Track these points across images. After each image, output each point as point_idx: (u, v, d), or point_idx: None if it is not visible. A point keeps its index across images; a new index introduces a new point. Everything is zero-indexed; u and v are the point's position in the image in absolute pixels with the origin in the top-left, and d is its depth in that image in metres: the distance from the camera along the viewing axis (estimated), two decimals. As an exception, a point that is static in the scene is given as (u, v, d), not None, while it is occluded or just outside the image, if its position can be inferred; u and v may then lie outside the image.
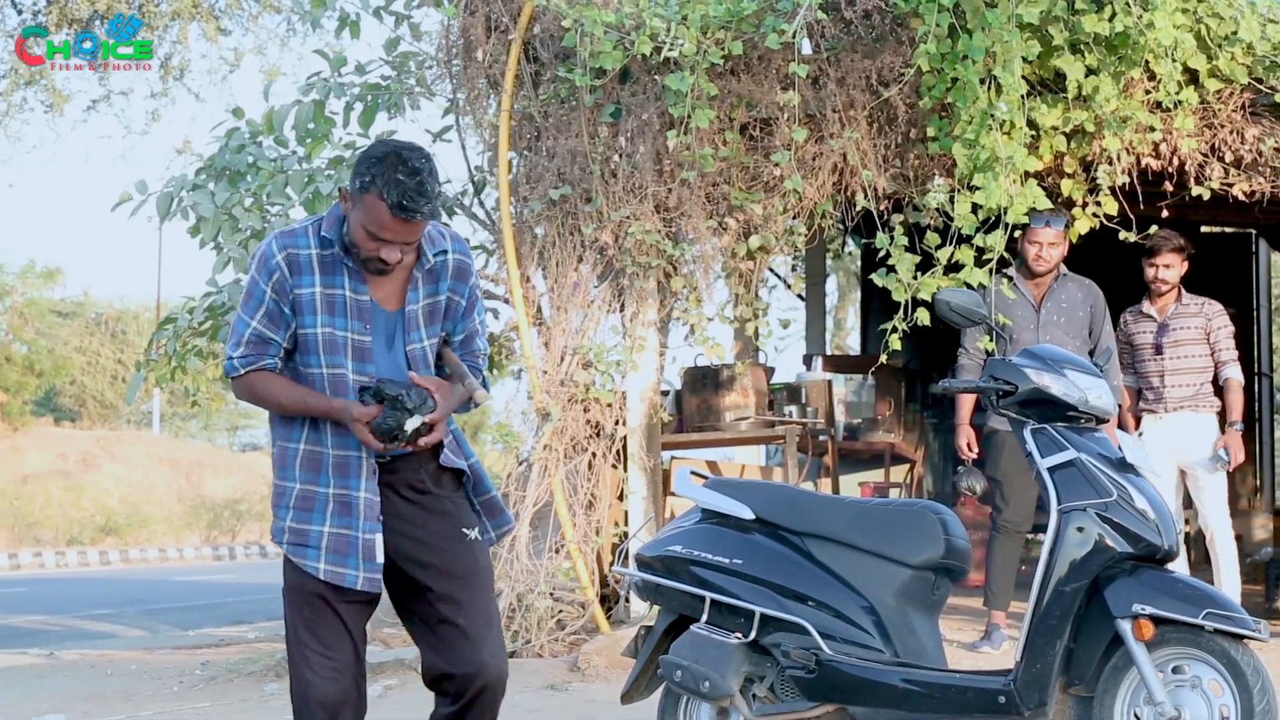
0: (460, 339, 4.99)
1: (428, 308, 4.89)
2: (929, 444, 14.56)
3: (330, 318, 4.77)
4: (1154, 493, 5.65)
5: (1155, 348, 9.33)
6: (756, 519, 5.84)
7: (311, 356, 4.81)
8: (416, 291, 4.86)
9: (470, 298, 4.99)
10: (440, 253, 4.89)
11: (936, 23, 8.55)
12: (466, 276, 4.96)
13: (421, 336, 4.89)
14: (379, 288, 4.83)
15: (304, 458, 4.87)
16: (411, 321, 4.86)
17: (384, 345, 4.85)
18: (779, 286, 16.24)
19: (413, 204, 4.57)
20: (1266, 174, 9.17)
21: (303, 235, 4.80)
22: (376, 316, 4.83)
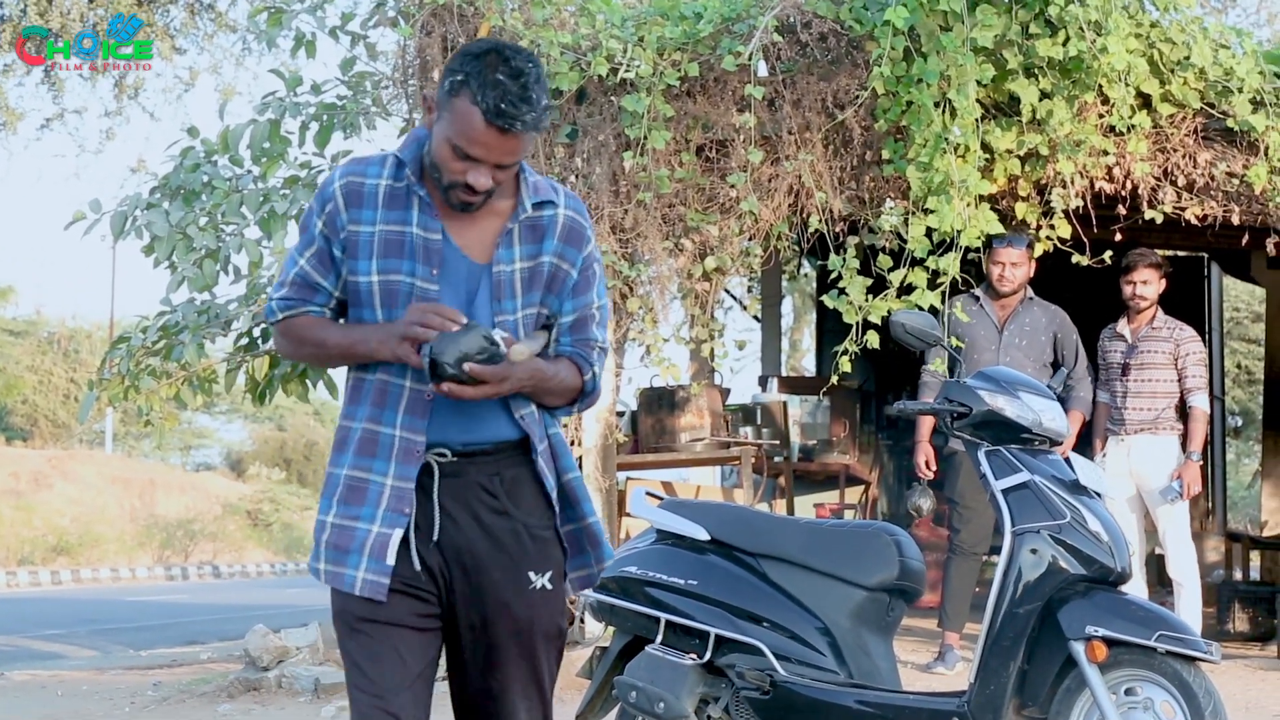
0: (570, 320, 3.99)
1: (526, 271, 3.90)
2: (884, 465, 14.59)
3: (388, 260, 3.86)
4: (1107, 515, 5.67)
5: (1122, 368, 9.36)
6: (712, 540, 5.84)
7: (365, 311, 3.89)
8: (511, 248, 3.89)
9: (585, 269, 3.99)
10: (545, 204, 3.93)
11: (892, 46, 8.58)
12: (581, 241, 3.97)
13: (516, 305, 3.89)
14: (461, 232, 3.89)
15: (361, 439, 3.89)
16: (503, 284, 3.88)
17: (459, 303, 3.85)
18: (735, 308, 16.27)
19: (513, 109, 3.67)
20: (1218, 198, 9.23)
21: (375, 164, 3.94)
22: (453, 263, 3.87)
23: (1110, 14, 8.50)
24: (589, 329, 4.02)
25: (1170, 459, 9.27)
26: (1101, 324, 9.68)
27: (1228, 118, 8.95)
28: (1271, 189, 9.00)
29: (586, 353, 4.00)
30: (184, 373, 10.13)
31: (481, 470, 3.88)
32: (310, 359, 4.12)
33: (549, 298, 3.94)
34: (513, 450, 3.91)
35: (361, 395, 3.91)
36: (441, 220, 3.86)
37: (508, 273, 3.89)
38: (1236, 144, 9.10)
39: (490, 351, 3.69)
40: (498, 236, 3.88)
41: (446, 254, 3.86)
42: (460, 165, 3.74)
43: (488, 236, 3.89)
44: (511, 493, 3.90)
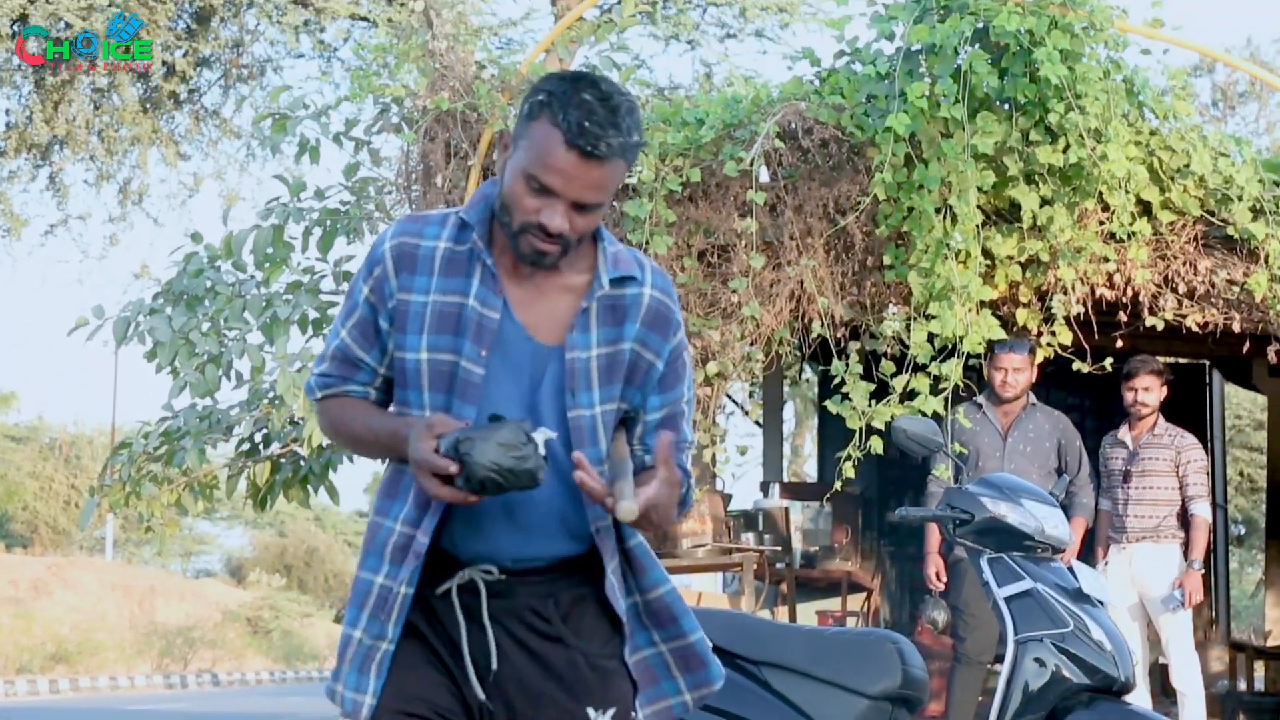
0: (656, 418, 3.44)
1: (605, 359, 3.34)
2: (886, 572, 14.51)
3: (440, 336, 3.31)
4: (1111, 624, 5.64)
5: (1124, 475, 9.34)
6: (714, 648, 5.80)
7: (411, 393, 3.35)
8: (588, 331, 3.33)
9: (674, 359, 3.44)
10: (627, 280, 3.37)
11: (893, 152, 8.62)
12: (668, 328, 3.41)
13: (593, 399, 3.33)
14: (528, 307, 3.34)
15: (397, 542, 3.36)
16: (578, 372, 3.31)
17: (520, 392, 3.32)
18: (736, 413, 16.26)
19: (598, 130, 3.14)
20: (1219, 305, 9.24)
21: (435, 223, 3.39)
22: (514, 343, 3.32)
23: (1110, 122, 8.54)
24: (679, 426, 3.47)
25: (1172, 567, 9.22)
26: (1103, 431, 9.66)
27: (1228, 225, 8.98)
28: (1272, 296, 9.01)
29: (682, 460, 3.45)
30: (185, 478, 10.12)
31: (534, 591, 3.34)
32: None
33: (629, 390, 3.38)
34: (576, 567, 3.37)
35: (401, 489, 3.36)
36: (506, 293, 3.31)
37: (583, 360, 3.31)
38: (1237, 251, 9.12)
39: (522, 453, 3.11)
40: (572, 316, 3.32)
41: (507, 332, 3.30)
42: (534, 202, 3.19)
43: (560, 316, 3.34)
44: (570, 616, 3.36)
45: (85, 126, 19.25)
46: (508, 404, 3.28)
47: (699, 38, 21.08)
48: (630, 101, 3.23)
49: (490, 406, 3.26)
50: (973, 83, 8.53)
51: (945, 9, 8.69)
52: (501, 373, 3.29)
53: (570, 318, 3.32)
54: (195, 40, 19.00)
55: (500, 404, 3.27)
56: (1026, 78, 8.54)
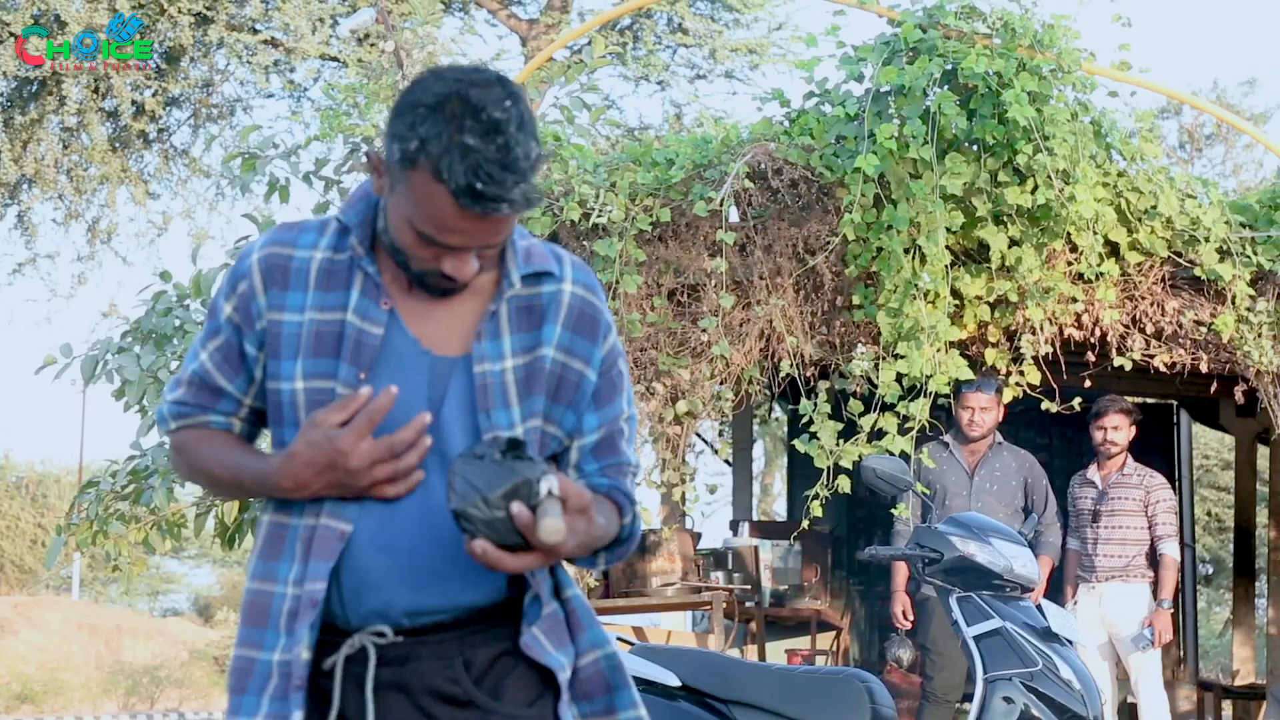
0: (593, 441, 2.94)
1: (522, 370, 2.84)
2: (855, 611, 14.51)
3: (320, 361, 2.82)
4: (1079, 663, 5.66)
5: (1093, 515, 9.36)
6: (683, 686, 5.80)
7: (288, 430, 2.85)
8: (499, 339, 2.85)
9: (608, 368, 2.93)
10: (542, 276, 2.90)
11: (862, 193, 8.65)
12: (596, 330, 2.92)
13: (511, 418, 2.83)
14: (422, 318, 2.86)
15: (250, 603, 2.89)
16: (490, 388, 2.82)
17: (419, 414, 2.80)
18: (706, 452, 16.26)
19: (493, 187, 2.62)
20: (1187, 346, 9.28)
21: (311, 230, 2.91)
22: (406, 360, 2.83)
23: (1078, 163, 8.59)
24: (620, 449, 2.96)
25: (1141, 606, 9.25)
26: (1071, 470, 9.69)
27: (1195, 266, 9.02)
28: (1239, 337, 9.05)
29: (623, 485, 2.94)
30: (153, 517, 10.07)
31: (437, 652, 2.81)
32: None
33: (557, 409, 2.87)
34: (492, 619, 2.84)
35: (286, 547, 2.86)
36: (395, 304, 2.83)
37: (495, 373, 2.80)
38: (1204, 292, 9.17)
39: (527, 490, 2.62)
40: (478, 323, 2.83)
41: (398, 348, 2.81)
42: (431, 252, 2.73)
43: (463, 323, 2.84)
44: (487, 675, 2.82)
45: (54, 165, 19.22)
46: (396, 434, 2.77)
47: (669, 78, 21.15)
48: (519, 111, 2.67)
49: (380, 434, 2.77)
50: (941, 124, 8.57)
51: (914, 51, 8.74)
52: (408, 399, 2.79)
53: (475, 324, 2.83)
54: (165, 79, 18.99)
55: (385, 434, 2.76)
56: (995, 119, 8.58)
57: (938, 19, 8.74)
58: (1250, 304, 9.05)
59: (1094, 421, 9.40)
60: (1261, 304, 9.05)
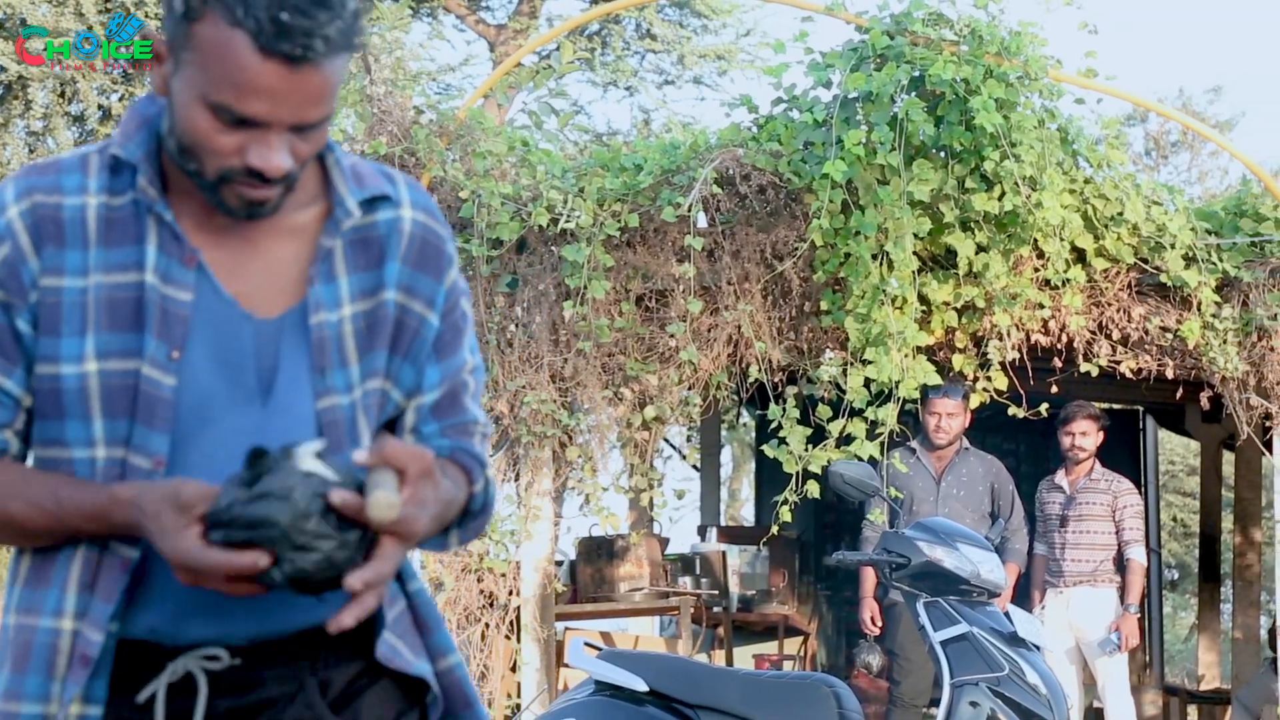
0: (435, 398, 2.41)
1: (362, 319, 2.33)
2: (823, 616, 14.53)
3: (115, 336, 2.24)
4: (1046, 668, 5.68)
5: (1061, 520, 9.38)
6: (650, 691, 5.80)
7: (71, 426, 2.25)
8: (334, 281, 2.32)
9: (450, 309, 2.41)
10: (379, 201, 2.37)
11: (830, 199, 8.67)
12: (439, 264, 2.40)
13: (350, 380, 2.31)
14: (237, 271, 2.29)
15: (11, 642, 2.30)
16: (327, 344, 2.29)
17: (243, 398, 2.26)
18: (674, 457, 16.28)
19: (304, 23, 2.11)
20: (1153, 352, 9.32)
21: (73, 169, 2.31)
22: (223, 328, 2.27)
23: (1045, 170, 8.62)
24: (464, 406, 2.44)
25: (1109, 611, 9.27)
26: (1038, 476, 9.72)
27: (1161, 273, 9.07)
28: (1204, 344, 9.10)
29: (470, 446, 2.43)
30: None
31: (285, 675, 2.30)
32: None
33: (395, 362, 2.36)
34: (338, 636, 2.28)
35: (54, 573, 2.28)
36: (203, 256, 2.25)
37: (333, 324, 2.29)
38: (1170, 299, 9.21)
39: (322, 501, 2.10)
40: (308, 267, 2.30)
41: (212, 313, 2.25)
42: (232, 140, 2.16)
43: (288, 271, 2.30)
44: (346, 696, 2.33)
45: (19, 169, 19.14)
46: (224, 422, 2.24)
47: (637, 84, 21.16)
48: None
49: (193, 431, 2.24)
50: (909, 130, 8.59)
51: (882, 57, 8.76)
52: (209, 376, 2.24)
53: (304, 269, 2.29)
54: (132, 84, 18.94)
55: (210, 424, 2.24)
56: (962, 126, 8.61)
57: (905, 26, 8.77)
58: (1216, 310, 9.09)
59: (1061, 427, 9.43)
60: (1227, 310, 9.09)
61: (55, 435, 2.26)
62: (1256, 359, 9.13)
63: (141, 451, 2.22)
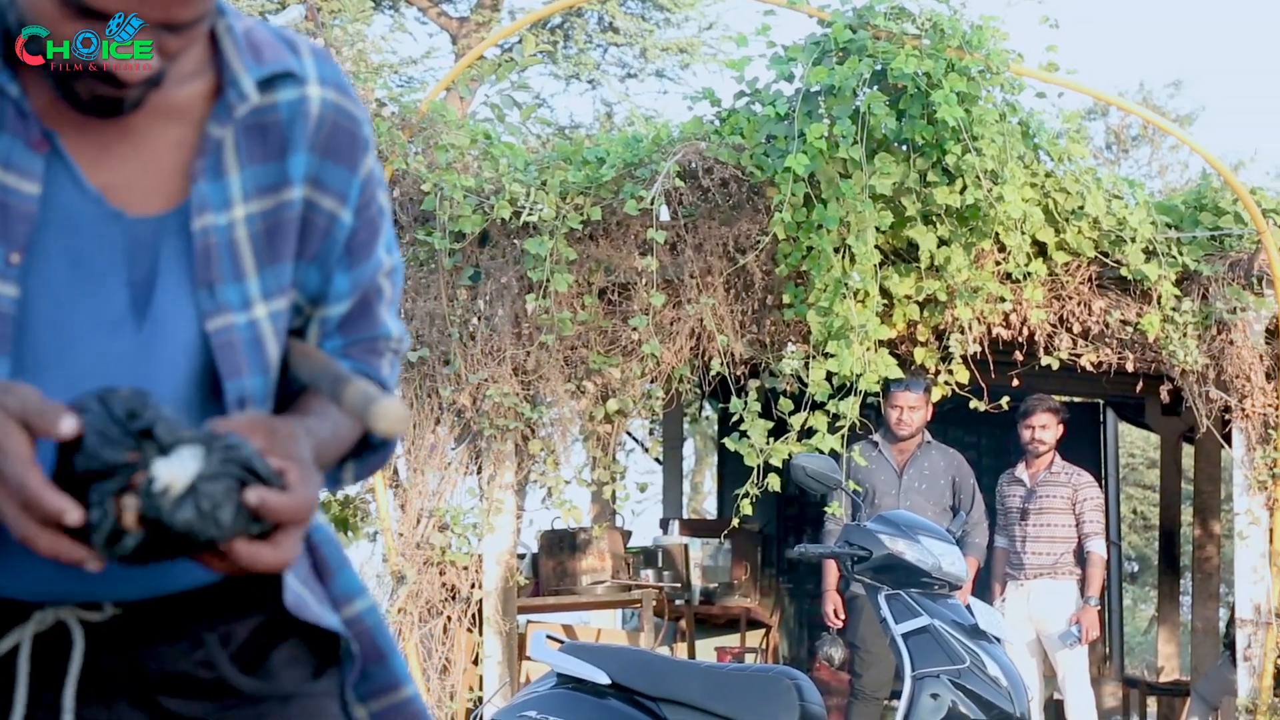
0: (339, 311, 2.03)
1: (259, 221, 1.92)
2: (785, 609, 14.56)
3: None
4: (1007, 660, 5.70)
5: (1021, 513, 9.41)
6: (612, 684, 5.81)
7: None
8: (223, 178, 1.90)
9: (365, 203, 2.02)
10: (280, 79, 1.95)
11: (792, 192, 8.68)
12: (356, 150, 1.99)
13: (249, 295, 1.91)
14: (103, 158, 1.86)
15: None
16: (213, 249, 1.88)
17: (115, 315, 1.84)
18: (636, 450, 16.28)
19: None
20: (1113, 345, 9.36)
21: None
22: (83, 228, 1.83)
23: (1006, 164, 8.65)
24: (377, 318, 2.06)
25: (1069, 604, 9.31)
26: (999, 469, 9.75)
27: (1121, 266, 9.10)
28: (1164, 337, 9.14)
29: (375, 370, 2.06)
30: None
31: (182, 628, 1.90)
32: None
33: (305, 266, 1.96)
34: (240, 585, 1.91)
35: None
36: (61, 141, 1.82)
37: (221, 228, 1.87)
38: (1130, 292, 9.25)
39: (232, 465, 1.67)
40: (191, 157, 1.87)
41: (70, 210, 1.81)
42: (77, 26, 1.77)
43: (165, 162, 1.87)
44: (247, 648, 1.94)
45: None
46: (87, 347, 1.81)
47: (600, 77, 21.14)
48: None
49: (45, 358, 1.80)
50: (871, 124, 8.61)
51: (844, 51, 8.77)
52: (65, 287, 1.81)
53: (187, 160, 1.87)
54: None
55: (69, 349, 1.81)
56: (924, 120, 8.63)
57: (867, 19, 8.78)
58: (1176, 304, 9.13)
59: (1022, 420, 9.46)
60: (1187, 304, 9.14)
61: None
62: (1216, 352, 9.17)
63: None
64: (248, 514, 1.66)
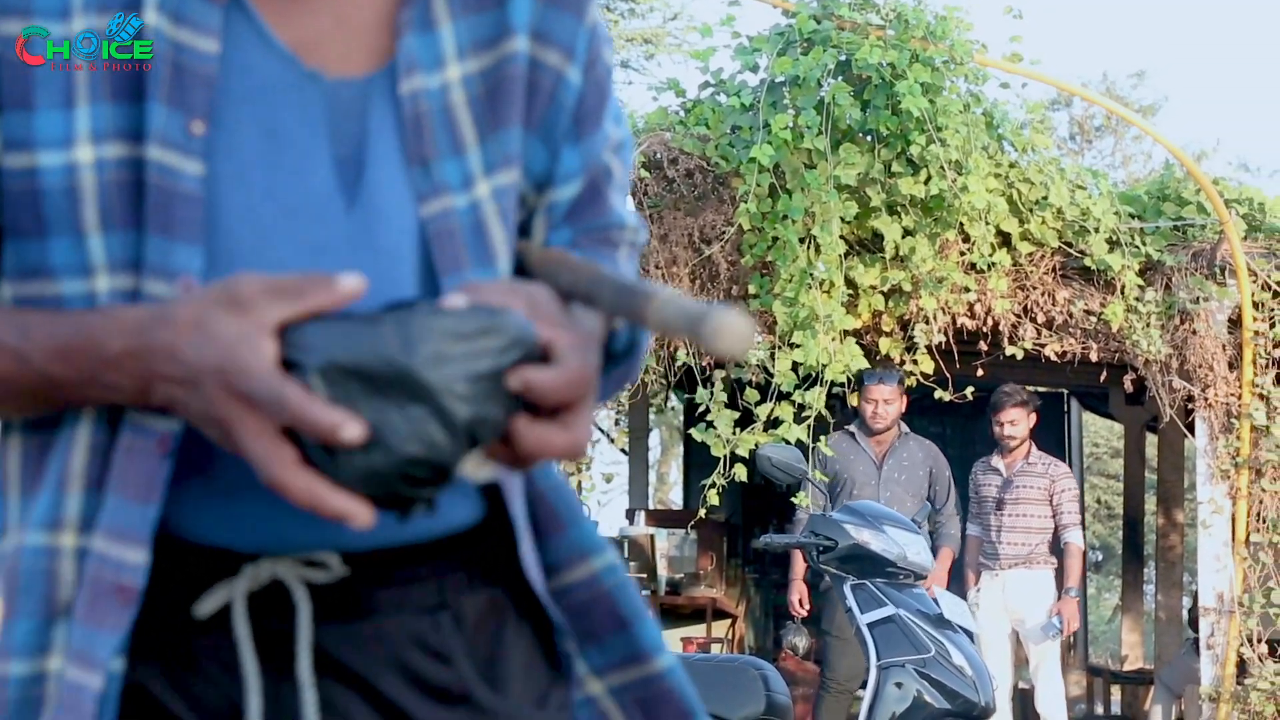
0: (569, 195, 1.64)
1: (477, 83, 1.55)
2: (751, 599, 14.58)
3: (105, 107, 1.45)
4: (972, 649, 5.71)
5: (997, 503, 9.39)
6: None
7: (57, 245, 1.45)
8: (433, 31, 1.54)
9: (593, 58, 1.63)
10: None
11: (757, 183, 8.69)
12: (583, 4, 1.62)
13: (469, 170, 1.53)
14: (289, 9, 1.51)
15: None
16: (426, 117, 1.52)
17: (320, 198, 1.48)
18: (602, 440, 16.26)
19: None
20: (1077, 335, 9.38)
21: None
22: (274, 95, 1.48)
23: (970, 154, 8.67)
24: (608, 204, 1.68)
25: (1044, 593, 9.30)
26: (965, 458, 9.76)
27: (1085, 256, 9.13)
28: (1128, 327, 9.17)
29: (614, 261, 1.68)
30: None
31: (412, 599, 1.52)
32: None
33: (530, 137, 1.60)
34: (472, 545, 1.57)
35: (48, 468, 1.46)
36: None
37: (433, 94, 1.53)
38: (1094, 282, 9.28)
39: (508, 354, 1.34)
40: (395, 9, 1.55)
41: (258, 69, 1.49)
42: None
43: (365, 11, 1.55)
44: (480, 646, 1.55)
45: None
46: (288, 235, 1.48)
47: (565, 66, 21.13)
48: None
49: (239, 248, 1.46)
50: (836, 115, 8.62)
51: (809, 42, 8.78)
52: (259, 165, 1.48)
53: (390, 10, 1.55)
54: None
55: (268, 237, 1.47)
56: (888, 110, 8.65)
57: (832, 10, 8.80)
58: (1139, 294, 9.17)
59: (993, 416, 9.44)
60: (1150, 294, 9.17)
61: (35, 261, 1.47)
62: (1179, 342, 9.21)
63: (160, 273, 1.43)
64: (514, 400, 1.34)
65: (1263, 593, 9.13)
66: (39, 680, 1.42)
